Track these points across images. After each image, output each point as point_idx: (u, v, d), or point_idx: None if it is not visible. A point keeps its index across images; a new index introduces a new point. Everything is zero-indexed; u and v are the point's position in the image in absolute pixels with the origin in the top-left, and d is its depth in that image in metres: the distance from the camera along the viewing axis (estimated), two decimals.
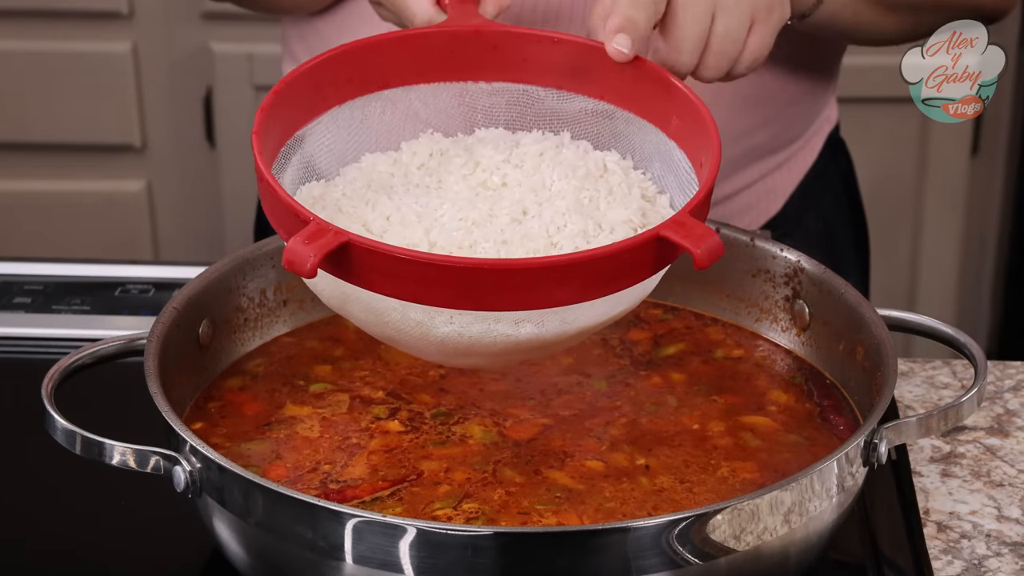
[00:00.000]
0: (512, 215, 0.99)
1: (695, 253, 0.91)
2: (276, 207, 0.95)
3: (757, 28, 1.09)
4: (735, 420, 1.07)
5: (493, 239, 0.97)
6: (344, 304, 0.98)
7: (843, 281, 1.12)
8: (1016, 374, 1.25)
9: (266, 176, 0.95)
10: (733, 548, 0.92)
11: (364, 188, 1.01)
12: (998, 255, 2.58)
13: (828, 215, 1.48)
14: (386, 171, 1.04)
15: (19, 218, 2.45)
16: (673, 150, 1.04)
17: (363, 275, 0.92)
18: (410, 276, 0.91)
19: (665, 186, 1.04)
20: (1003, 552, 1.05)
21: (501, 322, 0.94)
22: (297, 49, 1.40)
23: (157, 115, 2.42)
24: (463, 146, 1.06)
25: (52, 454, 1.03)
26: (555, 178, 1.02)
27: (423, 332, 0.96)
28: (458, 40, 1.06)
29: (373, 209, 0.99)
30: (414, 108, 1.07)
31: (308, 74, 1.02)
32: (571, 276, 0.91)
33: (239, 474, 0.93)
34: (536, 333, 0.95)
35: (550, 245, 0.97)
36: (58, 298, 1.33)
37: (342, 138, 1.05)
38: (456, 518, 0.97)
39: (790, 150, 1.42)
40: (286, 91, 1.01)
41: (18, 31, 2.37)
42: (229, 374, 1.13)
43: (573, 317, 0.96)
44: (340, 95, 1.05)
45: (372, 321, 0.98)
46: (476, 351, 0.96)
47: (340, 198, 1.00)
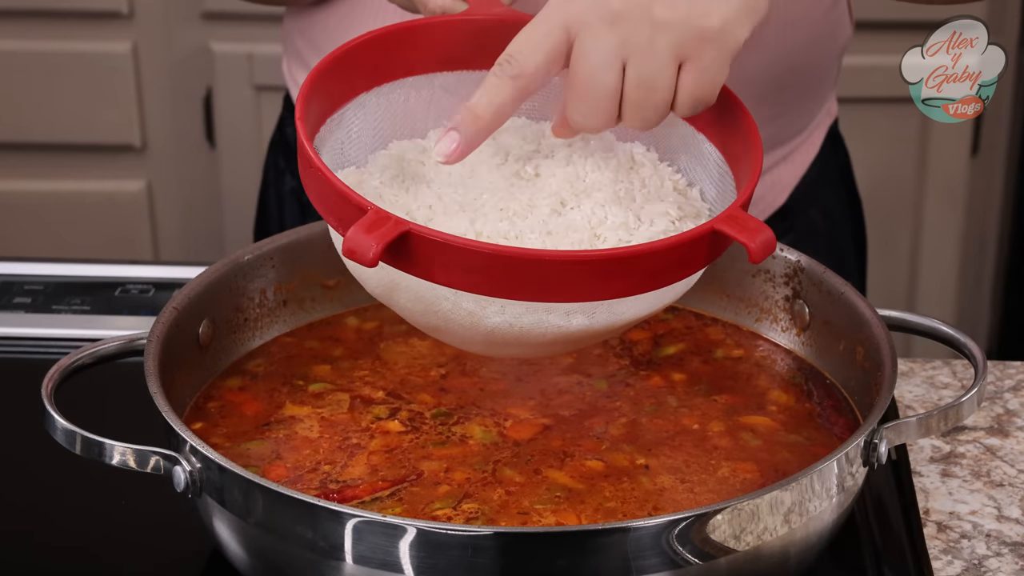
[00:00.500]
0: (551, 206, 0.98)
1: (750, 247, 0.92)
2: (328, 195, 0.94)
3: (690, 66, 0.95)
4: (735, 420, 1.07)
5: (538, 230, 0.97)
6: (391, 292, 0.97)
7: (843, 281, 1.12)
8: (1016, 374, 1.25)
9: (317, 163, 0.94)
10: (733, 548, 0.92)
11: (399, 176, 1.01)
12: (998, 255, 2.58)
13: (830, 208, 1.49)
14: (415, 159, 1.04)
15: (19, 218, 2.45)
16: (702, 143, 1.03)
17: (421, 264, 0.91)
18: (473, 266, 0.91)
19: (694, 179, 1.04)
20: (1003, 552, 1.05)
21: (552, 313, 0.94)
22: (300, 45, 1.40)
23: (157, 115, 2.42)
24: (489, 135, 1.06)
25: (52, 454, 1.03)
26: (588, 169, 1.02)
27: (473, 322, 0.95)
28: (482, 29, 1.06)
29: (415, 198, 0.98)
30: (437, 96, 1.06)
31: (342, 59, 1.02)
32: (631, 269, 0.92)
33: (239, 474, 0.93)
34: (587, 324, 0.95)
35: (594, 237, 0.97)
36: (58, 298, 1.33)
37: (369, 125, 1.04)
38: (456, 518, 0.97)
39: (794, 143, 1.42)
40: (322, 76, 1.00)
41: (18, 31, 2.37)
42: (229, 374, 1.13)
43: (623, 309, 0.96)
44: (367, 82, 1.04)
45: (420, 310, 0.97)
46: (525, 341, 0.96)
47: (379, 186, 1.00)
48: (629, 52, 0.94)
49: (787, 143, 1.41)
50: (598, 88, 0.95)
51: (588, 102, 0.96)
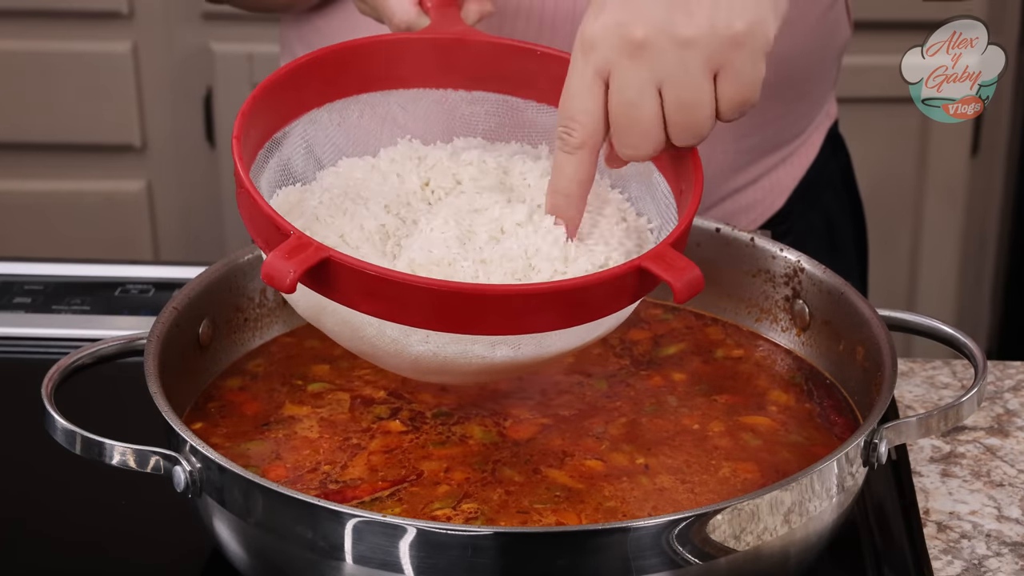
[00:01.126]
0: (490, 232, 0.99)
1: (675, 287, 0.91)
2: (256, 217, 0.94)
3: (724, 75, 0.94)
4: (735, 420, 1.07)
5: (472, 258, 0.97)
6: (319, 316, 0.98)
7: (843, 281, 1.12)
8: (1016, 374, 1.25)
9: (247, 184, 0.94)
10: (733, 548, 0.92)
11: (341, 196, 1.01)
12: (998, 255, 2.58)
13: (830, 211, 1.49)
14: (363, 177, 1.04)
15: (19, 218, 2.46)
16: (652, 172, 1.03)
17: (341, 291, 0.91)
18: (388, 295, 0.90)
19: (643, 208, 1.04)
20: (1003, 552, 1.05)
21: (477, 344, 0.94)
22: (297, 49, 1.40)
23: (157, 115, 2.42)
24: (441, 155, 1.06)
25: (52, 454, 1.03)
26: (535, 196, 1.02)
27: (398, 349, 0.95)
28: (440, 48, 1.06)
29: (351, 220, 0.98)
30: (392, 113, 1.06)
31: (289, 76, 1.02)
32: (550, 304, 0.91)
33: (239, 474, 0.93)
34: (511, 356, 0.95)
35: (528, 267, 0.97)
36: (58, 298, 1.33)
37: (319, 141, 1.04)
38: (455, 518, 0.97)
39: (793, 145, 1.42)
40: (265, 95, 1.00)
41: (18, 31, 2.37)
42: (229, 374, 1.13)
43: (550, 342, 0.96)
44: (319, 97, 1.04)
45: (347, 335, 0.97)
46: (450, 370, 0.96)
47: (317, 206, 1.00)
48: (662, 78, 0.93)
49: (785, 146, 1.41)
50: (640, 121, 0.94)
51: (633, 135, 0.95)
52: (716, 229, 1.18)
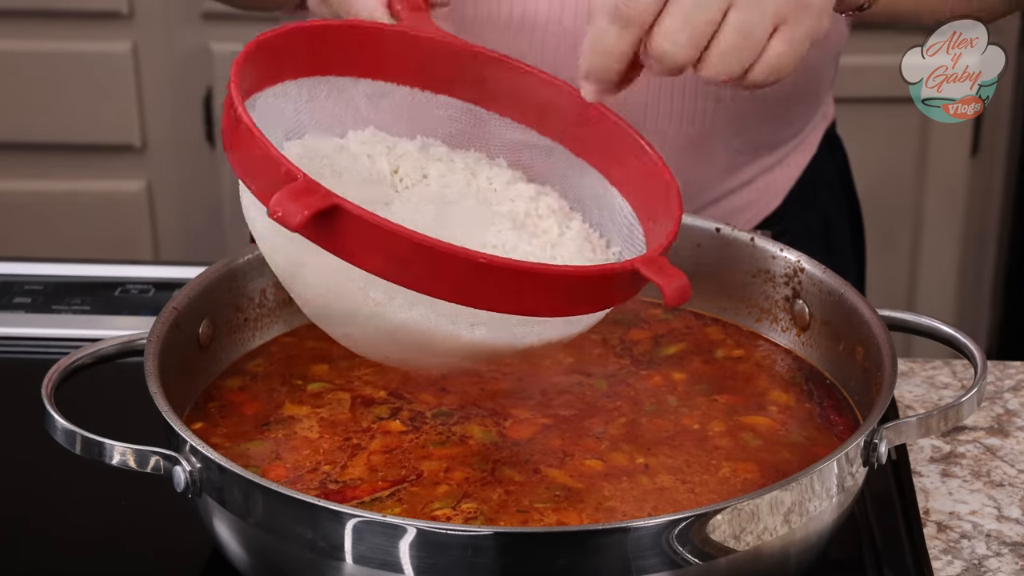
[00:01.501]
0: (464, 228, 1.00)
1: (666, 291, 0.92)
2: (257, 159, 0.92)
3: (784, 31, 0.99)
4: (735, 420, 1.07)
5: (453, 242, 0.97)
6: (296, 274, 0.96)
7: (843, 281, 1.12)
8: (1016, 374, 1.25)
9: (248, 124, 0.92)
10: (733, 548, 0.92)
11: (317, 167, 1.00)
12: (998, 255, 2.58)
13: (827, 211, 1.49)
14: (331, 154, 1.03)
15: (19, 218, 2.46)
16: (615, 196, 1.05)
17: (342, 243, 0.90)
18: (396, 253, 0.89)
19: (603, 230, 1.06)
20: (1003, 552, 1.05)
21: (458, 323, 0.94)
22: None
23: (157, 115, 2.42)
24: (410, 147, 1.06)
25: (52, 454, 1.03)
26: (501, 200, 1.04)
27: (378, 313, 0.94)
28: (421, 45, 1.06)
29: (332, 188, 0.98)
30: (356, 102, 1.06)
31: (281, 38, 1.01)
32: (551, 287, 0.92)
33: (239, 474, 0.93)
34: (487, 338, 0.95)
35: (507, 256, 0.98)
36: (58, 298, 1.33)
37: (287, 114, 1.04)
38: (455, 518, 0.97)
39: (789, 146, 1.42)
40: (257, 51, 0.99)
41: (18, 31, 2.37)
42: (229, 374, 1.13)
43: (526, 331, 0.96)
44: (295, 70, 1.03)
45: (322, 293, 0.95)
46: (427, 346, 0.96)
47: None
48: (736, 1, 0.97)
49: (781, 147, 1.41)
50: (700, 17, 0.97)
51: (687, 30, 0.97)
52: (716, 229, 1.18)
